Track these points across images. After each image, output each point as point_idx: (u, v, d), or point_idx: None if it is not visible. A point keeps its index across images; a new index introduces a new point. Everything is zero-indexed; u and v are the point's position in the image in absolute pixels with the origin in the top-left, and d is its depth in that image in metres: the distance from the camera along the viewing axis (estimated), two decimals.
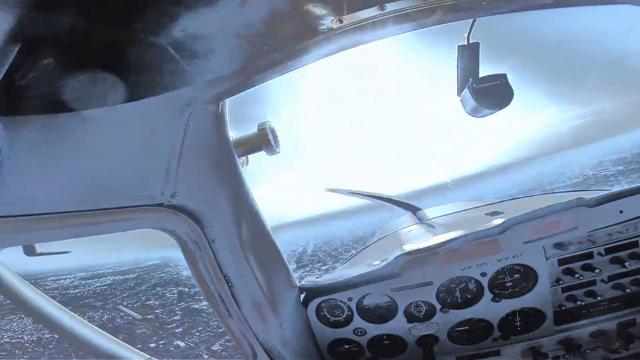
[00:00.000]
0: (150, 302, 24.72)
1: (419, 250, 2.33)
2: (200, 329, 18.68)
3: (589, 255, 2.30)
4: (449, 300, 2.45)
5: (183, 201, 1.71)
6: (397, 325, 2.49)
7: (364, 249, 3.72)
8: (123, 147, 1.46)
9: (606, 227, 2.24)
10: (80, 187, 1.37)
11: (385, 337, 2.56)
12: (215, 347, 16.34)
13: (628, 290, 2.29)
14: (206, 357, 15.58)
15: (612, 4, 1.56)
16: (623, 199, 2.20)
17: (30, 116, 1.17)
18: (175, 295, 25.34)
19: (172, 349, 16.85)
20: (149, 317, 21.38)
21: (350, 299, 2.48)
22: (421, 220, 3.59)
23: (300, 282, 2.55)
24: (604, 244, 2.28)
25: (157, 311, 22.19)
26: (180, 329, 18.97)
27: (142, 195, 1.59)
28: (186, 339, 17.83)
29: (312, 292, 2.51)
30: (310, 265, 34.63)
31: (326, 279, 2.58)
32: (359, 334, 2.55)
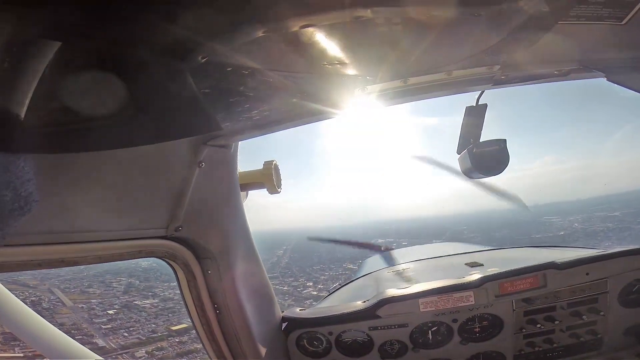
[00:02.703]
0: (91, 289, 22.32)
1: (399, 297, 2.64)
2: (132, 329, 16.33)
3: (552, 308, 2.57)
4: (420, 341, 2.72)
5: (186, 234, 1.83)
6: None
7: (347, 283, 3.89)
8: (137, 183, 1.49)
9: (571, 285, 2.51)
10: (93, 220, 1.39)
11: None
12: (139, 354, 14.10)
13: (582, 339, 2.59)
14: None
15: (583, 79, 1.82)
16: (590, 263, 2.49)
17: (57, 155, 1.19)
18: (122, 286, 23.09)
19: (88, 346, 14.51)
20: (80, 305, 19.01)
21: (330, 333, 2.74)
22: (405, 261, 3.78)
23: (283, 311, 2.82)
24: (567, 299, 2.55)
25: (92, 300, 19.85)
26: (109, 326, 16.63)
27: (149, 228, 1.68)
28: (110, 337, 15.48)
29: (294, 323, 2.79)
30: (281, 279, 32.92)
31: (309, 312, 2.86)
32: None
